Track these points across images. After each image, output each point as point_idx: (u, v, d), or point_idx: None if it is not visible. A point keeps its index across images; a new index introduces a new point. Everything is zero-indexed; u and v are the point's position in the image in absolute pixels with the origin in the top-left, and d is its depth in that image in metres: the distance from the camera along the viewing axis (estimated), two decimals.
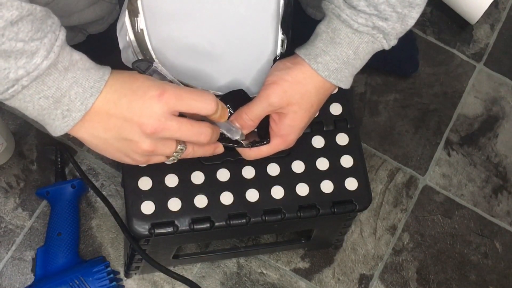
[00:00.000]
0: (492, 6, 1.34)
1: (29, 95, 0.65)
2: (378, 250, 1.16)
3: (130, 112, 0.67)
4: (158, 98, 0.67)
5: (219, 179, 0.84)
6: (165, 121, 0.67)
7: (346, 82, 0.78)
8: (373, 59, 1.23)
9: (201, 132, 0.70)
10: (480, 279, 1.17)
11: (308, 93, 0.76)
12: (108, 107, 0.67)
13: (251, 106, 0.76)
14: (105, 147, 0.70)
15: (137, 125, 0.67)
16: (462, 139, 1.25)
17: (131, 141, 0.68)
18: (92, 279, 1.01)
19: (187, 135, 0.69)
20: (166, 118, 0.67)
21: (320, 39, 0.75)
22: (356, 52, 0.75)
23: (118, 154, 0.71)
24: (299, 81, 0.75)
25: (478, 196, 1.22)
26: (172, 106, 0.67)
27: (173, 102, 0.67)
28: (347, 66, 0.76)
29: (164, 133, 0.68)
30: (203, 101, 0.68)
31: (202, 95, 0.69)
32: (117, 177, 1.14)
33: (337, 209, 0.84)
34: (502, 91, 1.30)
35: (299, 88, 0.75)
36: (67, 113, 0.66)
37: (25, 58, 0.62)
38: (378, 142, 1.23)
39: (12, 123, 1.16)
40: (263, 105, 0.76)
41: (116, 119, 0.67)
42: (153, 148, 0.69)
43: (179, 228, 0.81)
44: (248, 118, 0.77)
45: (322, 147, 0.87)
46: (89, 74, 0.67)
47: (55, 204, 1.08)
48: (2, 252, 1.09)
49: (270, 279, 1.12)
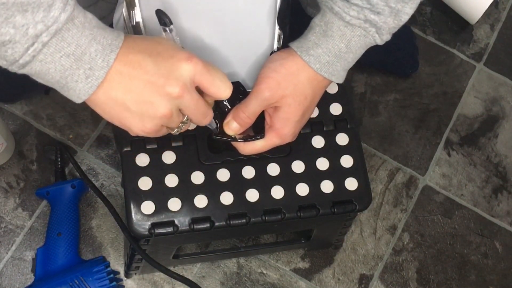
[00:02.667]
0: (492, 6, 1.34)
1: (50, 53, 0.63)
2: (378, 250, 1.16)
3: (156, 73, 0.65)
4: (186, 61, 0.66)
5: (219, 179, 0.84)
6: (190, 88, 0.67)
7: (338, 76, 0.77)
8: (373, 59, 1.25)
9: (206, 114, 0.71)
10: (480, 279, 1.17)
11: (301, 84, 0.76)
12: (132, 67, 0.66)
13: (247, 103, 0.76)
14: (119, 111, 0.68)
15: (163, 87, 0.66)
16: (462, 139, 1.25)
17: (151, 104, 0.67)
18: (92, 279, 1.01)
19: (197, 112, 0.69)
20: (191, 86, 0.67)
21: (313, 32, 0.76)
22: (348, 45, 0.75)
23: (129, 120, 0.69)
24: (292, 72, 0.75)
25: (478, 196, 1.22)
26: (198, 73, 0.67)
27: (199, 69, 0.66)
28: (339, 59, 0.76)
29: (185, 101, 0.67)
30: (225, 82, 0.68)
31: (224, 76, 0.69)
32: (117, 177, 1.14)
33: (337, 209, 0.84)
34: (502, 91, 1.30)
35: (292, 79, 0.75)
36: (89, 72, 0.65)
37: (42, 11, 0.61)
38: (378, 142, 1.23)
39: (12, 123, 1.16)
40: (258, 101, 0.76)
41: (139, 81, 0.66)
42: (169, 114, 0.67)
43: (179, 228, 0.81)
44: (245, 116, 0.77)
45: (322, 147, 0.87)
46: (105, 32, 0.66)
47: (55, 204, 1.08)
48: (2, 252, 1.09)
49: (270, 279, 1.12)
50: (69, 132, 1.16)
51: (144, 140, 0.84)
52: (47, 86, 0.67)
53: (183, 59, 0.66)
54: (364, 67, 1.27)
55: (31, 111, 1.17)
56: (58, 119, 1.17)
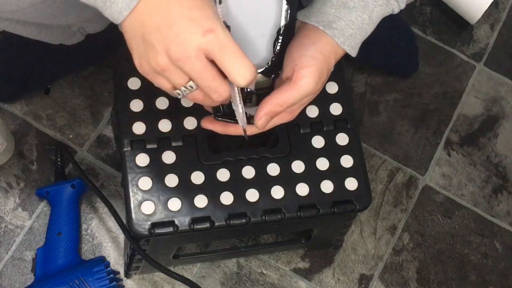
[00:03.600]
0: (492, 6, 1.34)
1: None
2: (378, 250, 1.16)
3: (171, 26, 0.62)
4: (202, 33, 0.62)
5: (219, 179, 0.84)
6: (193, 57, 0.63)
7: (356, 49, 0.74)
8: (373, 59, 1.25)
9: (216, 90, 0.65)
10: (480, 279, 1.17)
11: (332, 65, 0.73)
12: (163, 3, 0.62)
13: (286, 97, 0.71)
14: (134, 39, 0.65)
15: (166, 43, 0.63)
16: (462, 139, 1.25)
17: (153, 47, 0.64)
18: (92, 279, 1.01)
19: (204, 84, 0.65)
20: (196, 55, 0.63)
21: (330, 5, 0.73)
22: (370, 16, 0.73)
23: (133, 51, 0.66)
24: (328, 57, 0.72)
25: (478, 196, 1.22)
26: (209, 50, 0.62)
27: (212, 47, 0.62)
28: (361, 31, 0.73)
29: (184, 67, 0.64)
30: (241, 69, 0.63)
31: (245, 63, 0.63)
32: (117, 177, 1.14)
33: (337, 209, 0.84)
34: (502, 91, 1.30)
35: (328, 64, 0.72)
36: None
37: None
38: (378, 142, 1.23)
39: (12, 123, 1.16)
40: (301, 94, 0.71)
41: (156, 22, 0.62)
42: (166, 68, 0.64)
43: (179, 228, 0.81)
44: (281, 109, 0.71)
45: (322, 147, 0.87)
46: None
47: (55, 204, 1.08)
48: (2, 252, 1.09)
49: (270, 279, 1.12)
50: (69, 132, 1.16)
51: (144, 140, 0.84)
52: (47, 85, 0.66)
53: (200, 29, 0.62)
54: (364, 67, 1.27)
55: (31, 111, 1.16)
56: (58, 119, 1.17)
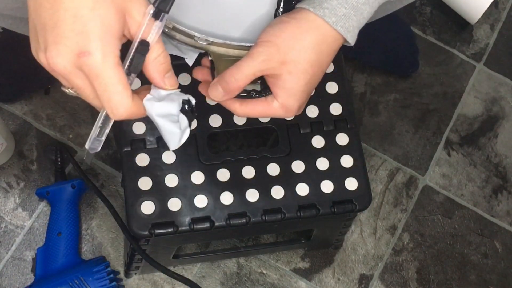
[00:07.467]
0: (492, 6, 1.34)
1: None
2: (378, 250, 1.16)
3: (54, 27, 0.57)
4: (78, 53, 0.57)
5: (219, 179, 0.84)
6: (68, 74, 0.59)
7: (353, 34, 0.70)
8: (373, 59, 1.24)
9: (105, 107, 0.61)
10: (480, 279, 1.17)
11: (305, 49, 0.68)
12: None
13: (239, 65, 0.68)
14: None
15: (45, 45, 0.58)
16: (462, 139, 1.25)
17: (37, 39, 0.59)
18: (92, 279, 1.01)
19: (88, 100, 0.61)
20: (71, 72, 0.59)
21: None
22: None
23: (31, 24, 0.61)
24: (295, 37, 0.68)
25: (478, 196, 1.22)
26: (85, 72, 0.58)
27: (85, 70, 0.58)
28: (356, 11, 0.69)
29: (61, 79, 0.60)
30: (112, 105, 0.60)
31: (118, 99, 0.60)
32: (117, 177, 1.14)
33: (337, 209, 0.84)
34: (502, 91, 1.30)
35: (295, 44, 0.68)
36: None
37: None
38: (378, 142, 1.23)
39: (12, 123, 1.16)
40: (251, 64, 0.67)
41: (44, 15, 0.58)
42: (47, 68, 0.60)
43: (179, 228, 0.81)
44: (234, 80, 0.68)
45: (322, 147, 0.87)
46: None
47: (55, 204, 1.08)
48: (2, 252, 1.09)
49: (270, 279, 1.12)
50: (69, 132, 1.16)
51: (144, 140, 0.84)
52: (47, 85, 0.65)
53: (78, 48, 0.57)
54: (364, 67, 1.27)
55: (31, 111, 1.16)
56: (58, 119, 1.17)
